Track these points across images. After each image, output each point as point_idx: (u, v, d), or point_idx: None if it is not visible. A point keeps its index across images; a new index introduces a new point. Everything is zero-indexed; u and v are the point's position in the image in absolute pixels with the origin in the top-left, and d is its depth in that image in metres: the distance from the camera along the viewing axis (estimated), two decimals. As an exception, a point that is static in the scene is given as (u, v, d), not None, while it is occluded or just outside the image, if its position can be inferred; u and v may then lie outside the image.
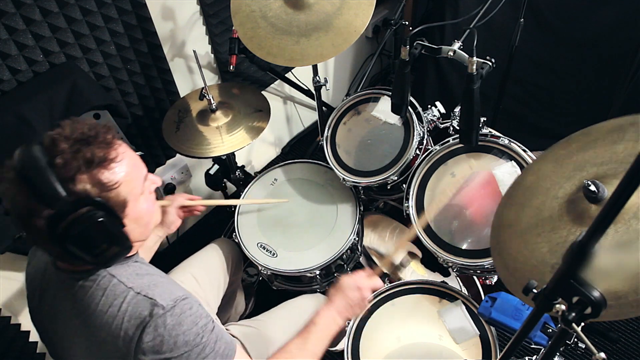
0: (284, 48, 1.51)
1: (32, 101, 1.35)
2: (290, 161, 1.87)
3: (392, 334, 1.38)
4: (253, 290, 2.05)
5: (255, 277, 2.11)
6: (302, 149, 2.76)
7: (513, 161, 1.42)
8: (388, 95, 1.66)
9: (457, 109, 1.58)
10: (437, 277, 1.75)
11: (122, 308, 0.91)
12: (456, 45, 1.27)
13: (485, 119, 1.46)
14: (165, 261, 1.37)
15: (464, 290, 1.57)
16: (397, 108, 1.51)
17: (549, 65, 2.16)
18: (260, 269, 1.63)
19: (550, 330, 1.04)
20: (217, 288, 1.57)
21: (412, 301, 1.44)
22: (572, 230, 0.92)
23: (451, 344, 1.33)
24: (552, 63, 2.15)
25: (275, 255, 1.62)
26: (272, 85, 2.40)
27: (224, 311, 1.74)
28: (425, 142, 1.61)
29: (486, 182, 1.44)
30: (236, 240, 1.67)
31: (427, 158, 1.54)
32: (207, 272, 1.55)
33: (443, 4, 2.18)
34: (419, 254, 1.80)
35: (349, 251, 1.65)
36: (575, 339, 1.10)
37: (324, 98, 2.07)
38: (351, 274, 1.25)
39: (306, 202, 1.75)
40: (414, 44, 1.33)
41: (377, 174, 1.61)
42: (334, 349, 1.77)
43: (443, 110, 1.67)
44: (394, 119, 1.64)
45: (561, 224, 0.94)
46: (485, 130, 1.48)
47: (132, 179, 0.93)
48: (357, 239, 1.66)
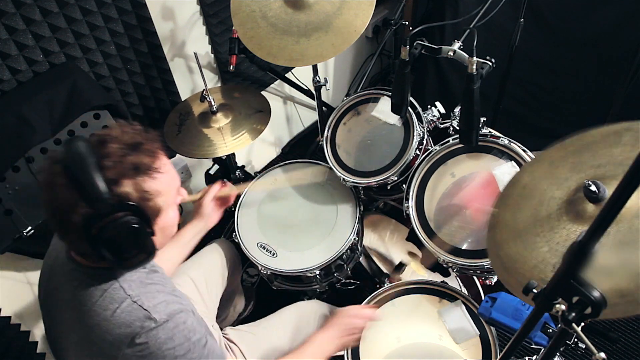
0: (284, 48, 1.51)
1: (32, 101, 1.35)
2: (290, 161, 1.87)
3: (392, 334, 1.38)
4: (253, 293, 2.05)
5: (255, 277, 2.11)
6: (302, 149, 2.76)
7: (513, 161, 1.42)
8: (388, 96, 1.66)
9: (457, 109, 1.58)
10: (437, 277, 1.75)
11: (116, 314, 0.91)
12: (456, 45, 1.27)
13: (485, 119, 1.46)
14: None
15: (464, 290, 1.57)
16: (397, 108, 1.51)
17: (549, 65, 2.16)
18: (260, 269, 1.63)
19: (550, 330, 1.04)
20: (215, 289, 1.57)
21: (412, 301, 1.44)
22: (572, 230, 0.92)
23: (451, 344, 1.33)
24: (552, 63, 2.15)
25: (275, 255, 1.62)
26: (272, 85, 2.40)
27: (222, 310, 1.73)
28: (425, 142, 1.61)
29: (486, 182, 1.44)
30: (236, 240, 1.67)
31: (427, 158, 1.54)
32: (205, 274, 1.55)
33: (443, 4, 2.18)
34: (419, 254, 1.80)
35: (348, 251, 1.65)
36: (575, 339, 1.10)
37: (324, 98, 2.07)
38: (349, 307, 1.33)
39: (306, 202, 1.75)
40: (414, 44, 1.33)
41: (377, 174, 1.61)
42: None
43: (443, 111, 1.67)
44: (394, 119, 1.64)
45: (560, 223, 0.95)
46: (485, 130, 1.48)
47: (169, 190, 0.95)
48: (357, 239, 1.66)
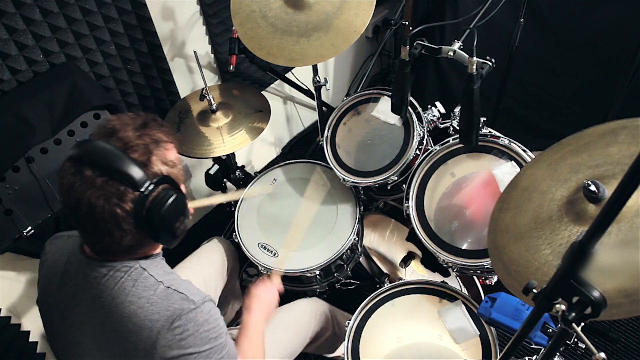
0: (284, 48, 1.51)
1: (32, 101, 1.35)
2: (290, 161, 1.87)
3: (392, 334, 1.38)
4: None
5: (255, 277, 2.11)
6: (302, 149, 2.76)
7: (513, 161, 1.42)
8: (388, 96, 1.66)
9: (457, 109, 1.58)
10: (437, 277, 1.75)
11: (152, 300, 0.92)
12: (456, 45, 1.26)
13: (485, 119, 1.46)
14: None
15: (464, 290, 1.57)
16: (397, 108, 1.51)
17: (549, 65, 2.16)
18: (260, 269, 1.63)
19: (550, 330, 1.04)
20: (214, 288, 1.58)
21: (412, 301, 1.44)
22: (574, 231, 0.92)
23: (451, 344, 1.33)
24: (552, 63, 2.15)
25: (276, 255, 1.62)
26: (272, 85, 2.40)
27: (220, 308, 1.73)
28: (425, 142, 1.61)
29: (486, 182, 1.44)
30: (236, 241, 1.67)
31: (427, 158, 1.54)
32: (204, 272, 1.56)
33: (443, 4, 2.18)
34: (419, 254, 1.80)
35: (348, 251, 1.65)
36: (575, 339, 1.10)
37: (324, 98, 2.07)
38: (259, 284, 1.35)
39: (306, 202, 1.75)
40: (414, 44, 1.33)
41: (377, 174, 1.61)
42: (332, 356, 1.77)
43: (443, 110, 1.67)
44: (394, 119, 1.64)
45: (561, 225, 0.95)
46: (485, 130, 1.48)
47: (180, 159, 1.00)
48: (357, 239, 1.66)
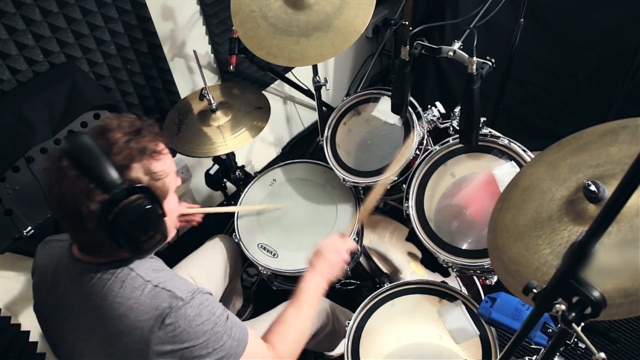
0: (284, 48, 1.51)
1: (32, 101, 1.35)
2: (290, 161, 1.87)
3: (392, 334, 1.38)
4: (252, 296, 2.05)
5: (255, 277, 2.11)
6: (302, 149, 2.76)
7: (513, 161, 1.42)
8: (388, 96, 1.66)
9: (457, 109, 1.58)
10: (437, 277, 1.75)
11: (141, 300, 0.92)
12: (456, 45, 1.26)
13: (485, 119, 1.46)
14: (164, 261, 1.37)
15: (464, 290, 1.57)
16: (397, 108, 1.51)
17: (549, 65, 2.16)
18: (260, 269, 1.63)
19: (550, 330, 1.04)
20: (215, 286, 1.57)
21: (412, 301, 1.44)
22: (574, 231, 0.92)
23: (451, 344, 1.33)
24: (552, 63, 2.15)
25: (276, 256, 1.62)
26: (272, 85, 2.40)
27: (226, 302, 1.75)
28: (425, 142, 1.61)
29: (486, 182, 1.44)
30: (236, 241, 1.67)
31: (427, 158, 1.54)
32: (207, 270, 1.56)
33: (443, 4, 2.18)
34: (419, 254, 1.80)
35: (349, 251, 1.65)
36: (575, 339, 1.10)
37: (324, 98, 2.07)
38: (326, 238, 1.30)
39: (306, 202, 1.75)
40: (414, 44, 1.33)
41: (377, 174, 1.61)
42: (332, 354, 1.77)
43: (443, 110, 1.67)
44: (394, 119, 1.64)
45: (561, 225, 0.95)
46: (485, 130, 1.48)
47: (172, 171, 0.98)
48: (357, 239, 1.66)
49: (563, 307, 0.67)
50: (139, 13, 1.61)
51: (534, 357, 1.20)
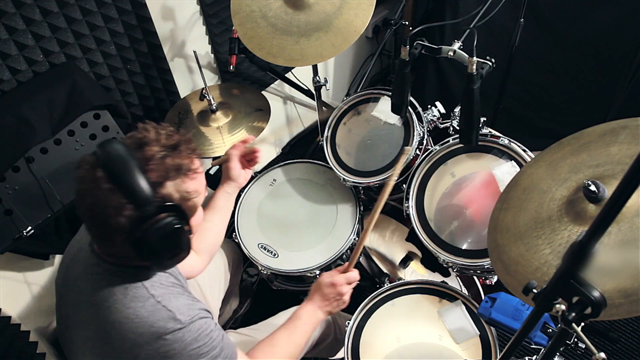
0: (284, 48, 1.51)
1: (32, 101, 1.35)
2: (290, 161, 1.87)
3: (392, 334, 1.38)
4: (251, 291, 2.05)
5: (255, 277, 2.11)
6: (302, 149, 2.76)
7: (513, 161, 1.42)
8: (388, 95, 1.66)
9: (457, 109, 1.58)
10: (437, 277, 1.75)
11: (139, 312, 0.91)
12: (456, 45, 1.26)
13: (485, 119, 1.46)
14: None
15: (464, 290, 1.57)
16: (397, 108, 1.51)
17: (549, 65, 2.16)
18: (260, 269, 1.63)
19: (550, 330, 1.04)
20: (218, 289, 1.58)
21: (412, 301, 1.44)
22: (574, 231, 0.92)
23: (451, 344, 1.33)
24: (552, 63, 2.15)
25: (276, 256, 1.62)
26: (272, 85, 2.40)
27: (224, 304, 1.75)
28: (425, 142, 1.61)
29: (486, 182, 1.44)
30: (236, 241, 1.67)
31: (427, 158, 1.54)
32: (210, 275, 1.55)
33: (443, 4, 2.18)
34: (419, 254, 1.80)
35: (349, 251, 1.65)
36: (575, 339, 1.10)
37: (324, 98, 2.07)
38: (329, 272, 1.28)
39: (306, 202, 1.75)
40: (414, 44, 1.33)
41: (377, 174, 1.61)
42: (333, 359, 1.77)
43: (443, 110, 1.67)
44: (394, 119, 1.64)
45: (561, 225, 0.95)
46: (485, 130, 1.48)
47: (203, 189, 0.97)
48: (357, 239, 1.66)
49: (563, 307, 0.67)
50: (139, 13, 1.61)
51: (534, 357, 1.20)
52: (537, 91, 2.26)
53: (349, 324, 1.41)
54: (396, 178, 1.40)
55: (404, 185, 1.57)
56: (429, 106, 1.68)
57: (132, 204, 0.84)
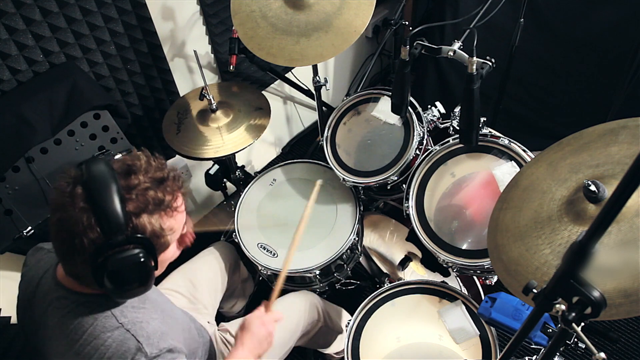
0: (284, 48, 1.51)
1: (32, 101, 1.35)
2: (290, 161, 1.87)
3: (392, 334, 1.38)
4: (253, 283, 2.05)
5: (255, 277, 2.11)
6: (302, 149, 2.76)
7: (513, 161, 1.42)
8: (388, 96, 1.66)
9: (457, 109, 1.58)
10: (437, 277, 1.75)
11: (107, 343, 0.90)
12: (456, 45, 1.26)
13: (485, 119, 1.46)
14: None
15: (464, 290, 1.57)
16: (397, 108, 1.51)
17: (549, 65, 2.16)
18: (260, 269, 1.63)
19: (550, 330, 1.04)
20: (214, 291, 1.59)
21: (412, 301, 1.44)
22: (574, 231, 0.92)
23: (451, 344, 1.33)
24: (552, 63, 2.15)
25: (276, 256, 1.62)
26: (272, 85, 2.40)
27: (231, 298, 1.79)
28: (425, 142, 1.61)
29: (486, 182, 1.44)
30: (236, 241, 1.67)
31: (427, 158, 1.54)
32: (206, 277, 1.57)
33: (443, 4, 2.18)
34: (419, 254, 1.80)
35: (348, 251, 1.65)
36: (575, 339, 1.10)
37: (324, 98, 2.07)
38: (254, 313, 1.23)
39: (306, 202, 1.75)
40: (414, 44, 1.32)
41: (377, 174, 1.61)
42: (328, 352, 1.77)
43: (443, 110, 1.67)
44: (394, 119, 1.64)
45: (561, 225, 0.95)
46: (485, 130, 1.48)
47: (180, 228, 0.95)
48: (357, 239, 1.66)
49: (563, 307, 0.67)
50: (139, 13, 1.61)
51: (534, 357, 1.20)
52: (537, 91, 2.26)
53: (349, 323, 1.41)
54: (310, 210, 1.40)
55: (404, 185, 1.57)
56: (429, 106, 1.68)
57: (100, 228, 0.82)
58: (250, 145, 1.66)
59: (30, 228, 1.40)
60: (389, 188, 1.64)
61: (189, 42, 1.91)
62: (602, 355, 0.71)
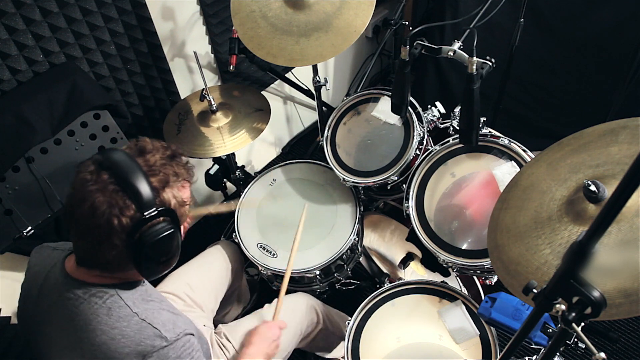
0: (284, 48, 1.51)
1: (32, 101, 1.35)
2: (290, 161, 1.87)
3: (392, 334, 1.38)
4: (257, 285, 2.05)
5: (256, 277, 2.11)
6: (302, 149, 2.76)
7: (513, 161, 1.42)
8: (388, 96, 1.66)
9: (457, 109, 1.58)
10: (437, 277, 1.75)
11: (125, 332, 0.91)
12: (456, 45, 1.26)
13: (485, 119, 1.46)
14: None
15: (464, 290, 1.57)
16: (397, 108, 1.51)
17: (549, 65, 2.16)
18: (260, 269, 1.63)
19: (550, 330, 1.04)
20: (214, 292, 1.57)
21: (412, 301, 1.44)
22: (574, 231, 0.92)
23: (451, 344, 1.33)
24: (552, 63, 2.15)
25: (275, 256, 1.62)
26: (272, 85, 2.40)
27: (222, 308, 1.75)
28: (425, 142, 1.61)
29: (486, 182, 1.44)
30: (236, 241, 1.67)
31: (427, 158, 1.54)
32: (205, 278, 1.56)
33: (443, 4, 2.18)
34: (419, 254, 1.80)
35: (348, 251, 1.65)
36: (575, 339, 1.10)
37: (324, 98, 2.07)
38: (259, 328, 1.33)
39: (306, 202, 1.75)
40: (414, 44, 1.32)
41: (377, 174, 1.60)
42: (330, 356, 1.77)
43: (443, 110, 1.67)
44: (394, 119, 1.64)
45: (561, 225, 0.95)
46: (485, 130, 1.48)
47: (190, 199, 1.01)
48: (357, 239, 1.66)
49: (563, 307, 0.67)
50: (139, 13, 1.61)
51: (534, 357, 1.20)
52: (537, 91, 2.26)
53: (349, 323, 1.41)
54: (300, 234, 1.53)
55: (404, 185, 1.57)
56: (429, 106, 1.68)
57: (135, 204, 0.87)
58: (250, 145, 1.67)
59: (30, 228, 1.40)
60: (389, 188, 1.64)
61: (189, 42, 1.91)
62: (602, 355, 0.71)
